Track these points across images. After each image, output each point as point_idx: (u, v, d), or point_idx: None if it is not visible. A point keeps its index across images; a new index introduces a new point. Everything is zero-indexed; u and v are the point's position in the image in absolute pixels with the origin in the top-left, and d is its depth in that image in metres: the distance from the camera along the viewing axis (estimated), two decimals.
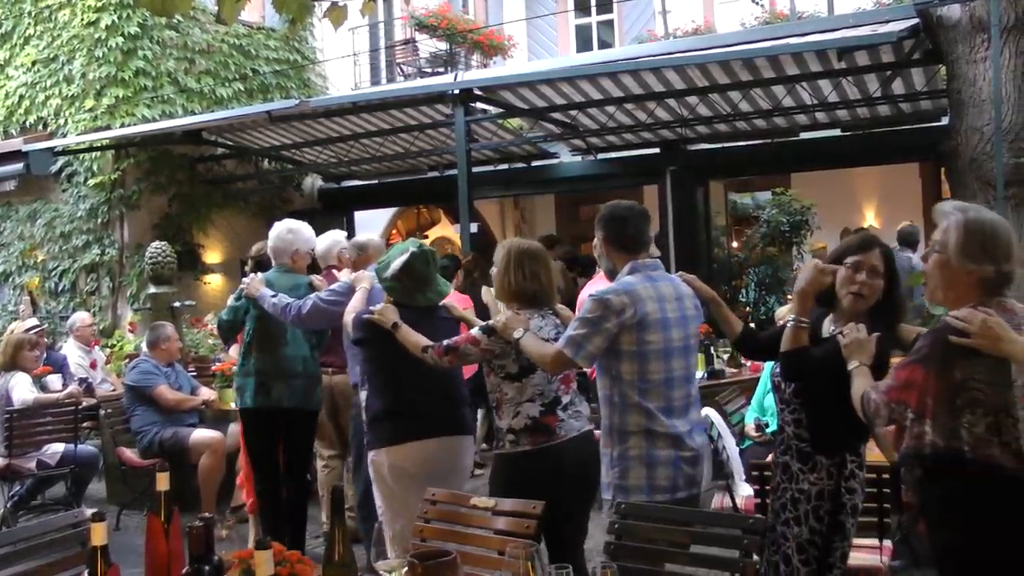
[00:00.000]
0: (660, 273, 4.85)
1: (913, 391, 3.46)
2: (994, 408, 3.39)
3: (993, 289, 3.51)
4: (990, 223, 3.57)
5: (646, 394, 4.63)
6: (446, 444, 5.52)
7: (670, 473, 4.61)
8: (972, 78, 8.56)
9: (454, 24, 19.81)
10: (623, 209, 4.98)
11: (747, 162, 14.11)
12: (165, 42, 14.17)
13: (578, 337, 4.58)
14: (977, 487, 3.41)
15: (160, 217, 14.34)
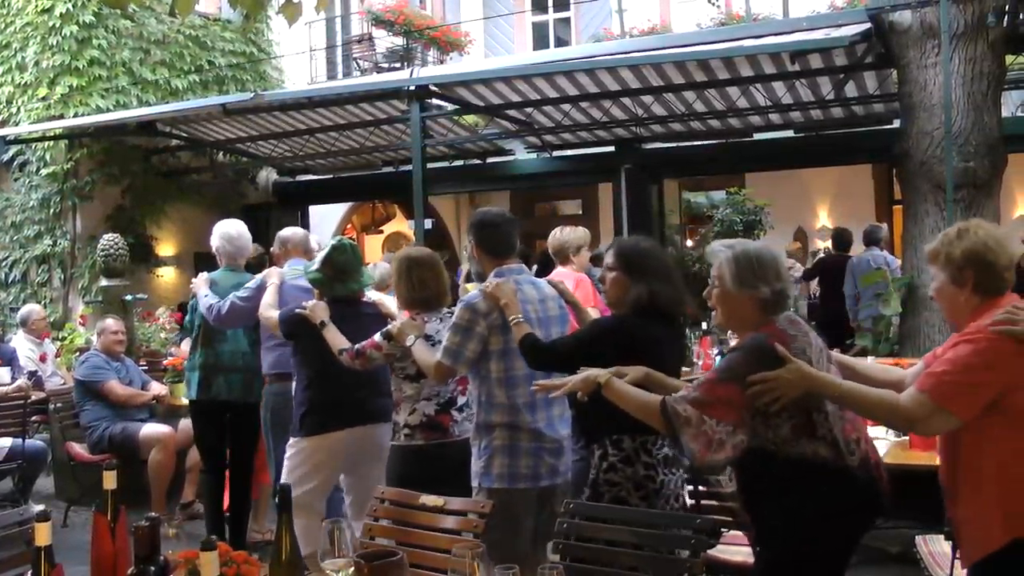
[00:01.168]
0: (525, 277, 5.15)
1: (731, 408, 3.56)
2: (801, 409, 3.59)
3: (773, 308, 3.77)
4: (755, 251, 3.87)
5: (512, 390, 4.89)
6: (367, 431, 5.93)
7: (531, 462, 4.87)
8: (923, 83, 8.69)
9: (411, 20, 19.78)
10: (493, 216, 5.28)
11: (701, 161, 14.18)
12: (120, 32, 14.04)
13: (453, 346, 4.89)
14: (790, 482, 3.63)
15: (113, 208, 14.22)
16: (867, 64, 10.02)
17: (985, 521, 3.43)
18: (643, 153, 13.97)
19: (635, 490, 4.33)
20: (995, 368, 3.35)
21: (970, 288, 3.52)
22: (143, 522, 2.90)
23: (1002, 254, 3.52)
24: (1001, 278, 3.52)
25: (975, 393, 3.36)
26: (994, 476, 3.41)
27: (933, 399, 3.36)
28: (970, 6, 8.50)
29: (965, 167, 8.44)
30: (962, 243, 3.53)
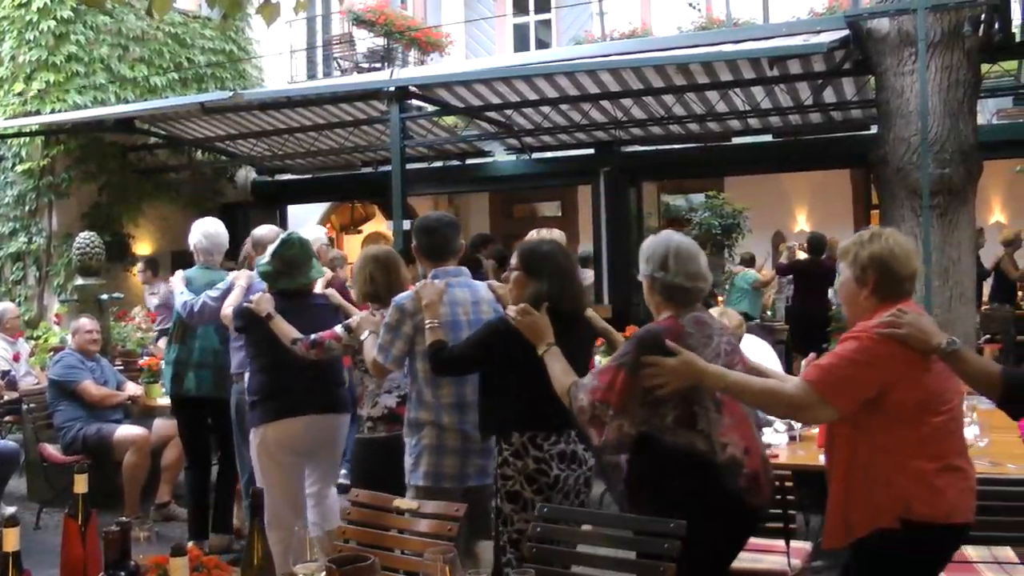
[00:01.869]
0: (460, 280, 5.32)
1: (615, 394, 3.89)
2: (684, 401, 3.85)
3: (680, 301, 4.05)
4: (676, 245, 4.11)
5: (437, 390, 5.08)
6: (322, 421, 6.06)
7: (457, 462, 5.06)
8: (900, 90, 8.72)
9: (392, 20, 19.75)
10: (432, 221, 5.52)
11: (680, 164, 14.24)
12: (99, 27, 13.99)
13: (384, 343, 5.11)
14: (666, 468, 3.87)
15: (90, 206, 14.16)
16: (845, 70, 10.07)
17: (857, 507, 3.65)
18: (622, 156, 14.02)
19: (528, 483, 4.53)
20: (875, 366, 3.56)
21: (870, 289, 3.73)
22: (114, 527, 2.88)
23: (905, 264, 3.73)
24: (900, 285, 3.74)
25: (855, 388, 3.58)
26: (865, 467, 3.63)
27: (816, 390, 3.59)
28: (947, 15, 8.54)
29: (941, 174, 8.48)
30: (871, 247, 3.74)
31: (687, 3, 19.03)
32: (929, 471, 3.57)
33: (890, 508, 3.56)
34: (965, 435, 3.91)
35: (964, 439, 3.84)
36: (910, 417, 3.59)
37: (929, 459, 3.58)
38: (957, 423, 3.75)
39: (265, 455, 6.03)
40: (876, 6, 9.04)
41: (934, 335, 3.53)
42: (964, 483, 3.66)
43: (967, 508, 3.64)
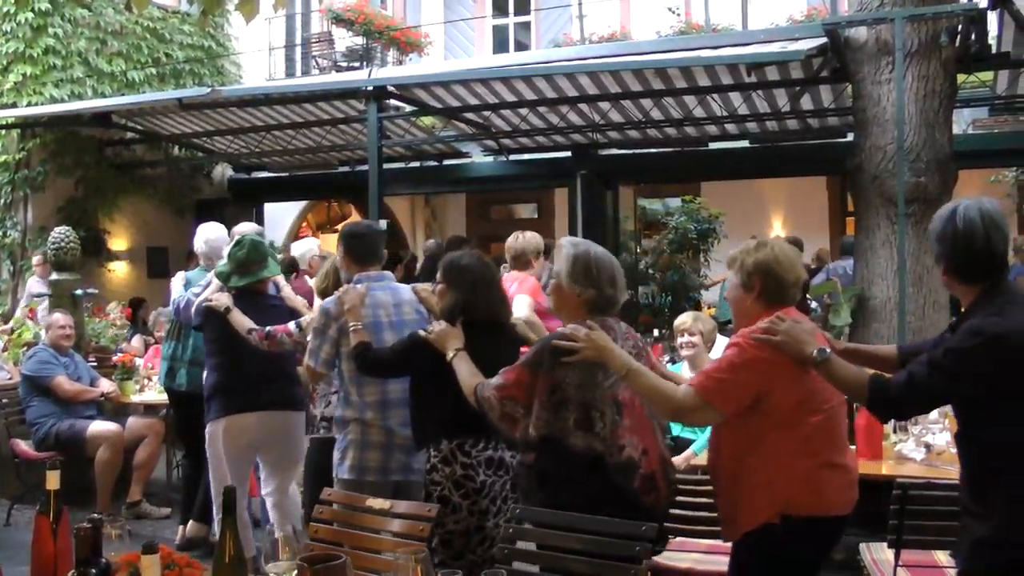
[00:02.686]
0: (383, 283, 5.61)
1: (520, 389, 4.13)
2: (582, 404, 4.05)
3: (598, 309, 4.24)
4: (594, 255, 4.28)
5: (361, 389, 5.35)
6: (275, 417, 6.33)
7: (381, 457, 5.33)
8: (876, 98, 8.77)
9: (371, 20, 19.72)
10: (361, 227, 5.91)
11: (657, 169, 14.28)
12: (77, 21, 13.92)
13: (313, 347, 5.42)
14: (565, 469, 4.06)
15: (65, 200, 14.09)
16: (822, 78, 10.11)
17: (743, 504, 3.85)
18: (599, 159, 14.05)
19: (455, 489, 4.70)
20: (755, 371, 3.76)
21: (756, 294, 3.95)
22: (85, 524, 2.88)
23: (790, 270, 3.95)
24: (786, 291, 3.95)
25: (736, 392, 3.78)
26: (748, 468, 3.83)
27: (700, 394, 3.78)
28: (924, 25, 8.59)
29: (916, 182, 8.52)
30: (757, 254, 3.96)
31: (666, 8, 19.06)
32: (808, 469, 3.78)
33: (772, 506, 3.76)
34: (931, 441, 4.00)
35: (845, 436, 4.03)
36: (789, 418, 3.79)
37: (808, 457, 3.78)
38: (835, 421, 3.92)
39: (218, 448, 6.37)
40: (854, 15, 9.09)
41: (807, 344, 3.67)
42: (843, 478, 3.87)
43: (845, 501, 3.86)
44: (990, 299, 3.42)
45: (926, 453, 5.66)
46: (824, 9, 16.41)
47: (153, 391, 9.15)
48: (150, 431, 8.70)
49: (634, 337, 4.44)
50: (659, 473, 4.15)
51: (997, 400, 3.34)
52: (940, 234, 3.48)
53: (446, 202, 21.40)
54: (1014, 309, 3.38)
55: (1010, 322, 3.32)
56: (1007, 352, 3.29)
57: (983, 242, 3.40)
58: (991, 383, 3.33)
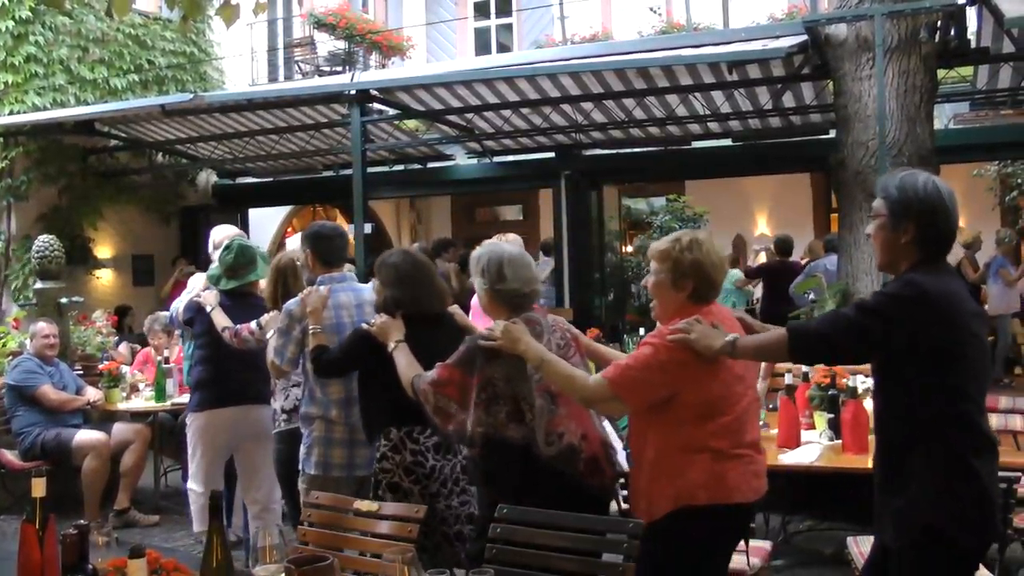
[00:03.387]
0: (345, 284, 5.79)
1: (454, 387, 4.29)
2: (514, 398, 4.20)
3: (516, 306, 4.41)
4: (508, 255, 4.44)
5: (325, 388, 5.53)
6: (251, 412, 6.70)
7: (345, 453, 5.52)
8: (858, 94, 8.81)
9: (353, 24, 19.71)
10: (327, 229, 6.05)
11: (641, 168, 14.31)
12: (58, 28, 13.84)
13: (278, 346, 5.62)
14: (501, 460, 4.23)
15: (49, 209, 14.01)
16: (804, 75, 10.15)
17: (649, 494, 3.94)
18: (583, 159, 14.06)
19: (406, 475, 4.94)
20: (667, 371, 3.84)
21: (687, 293, 4.01)
22: (71, 530, 2.88)
23: (720, 272, 4.07)
24: (715, 291, 4.07)
25: (646, 389, 3.88)
26: (658, 459, 3.93)
27: (611, 386, 3.88)
28: (904, 21, 8.63)
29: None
30: (693, 254, 3.99)
31: (648, 7, 19.08)
32: (712, 460, 3.86)
33: (679, 496, 3.85)
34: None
35: (754, 432, 4.09)
36: (698, 417, 3.87)
37: (713, 451, 3.86)
38: (743, 421, 3.98)
39: (196, 439, 6.79)
40: (834, 12, 9.12)
41: (716, 339, 3.77)
42: (747, 467, 3.95)
43: (749, 489, 3.94)
44: (930, 264, 3.51)
45: None
46: (804, 7, 16.45)
47: (141, 398, 9.14)
48: (137, 436, 8.67)
49: (562, 328, 4.57)
50: (602, 456, 4.30)
51: (914, 366, 3.43)
52: (924, 202, 3.50)
53: (431, 205, 21.40)
54: (951, 279, 3.54)
55: (945, 287, 3.45)
56: (932, 311, 3.38)
57: (955, 220, 3.55)
58: (911, 340, 3.39)
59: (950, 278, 3.54)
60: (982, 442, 3.48)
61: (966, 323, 3.44)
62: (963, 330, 3.43)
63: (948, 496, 3.39)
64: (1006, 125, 12.26)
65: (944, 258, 3.57)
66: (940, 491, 3.40)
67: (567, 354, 4.38)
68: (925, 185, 3.51)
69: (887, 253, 3.62)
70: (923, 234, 3.50)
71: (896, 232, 3.54)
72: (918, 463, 3.44)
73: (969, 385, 3.47)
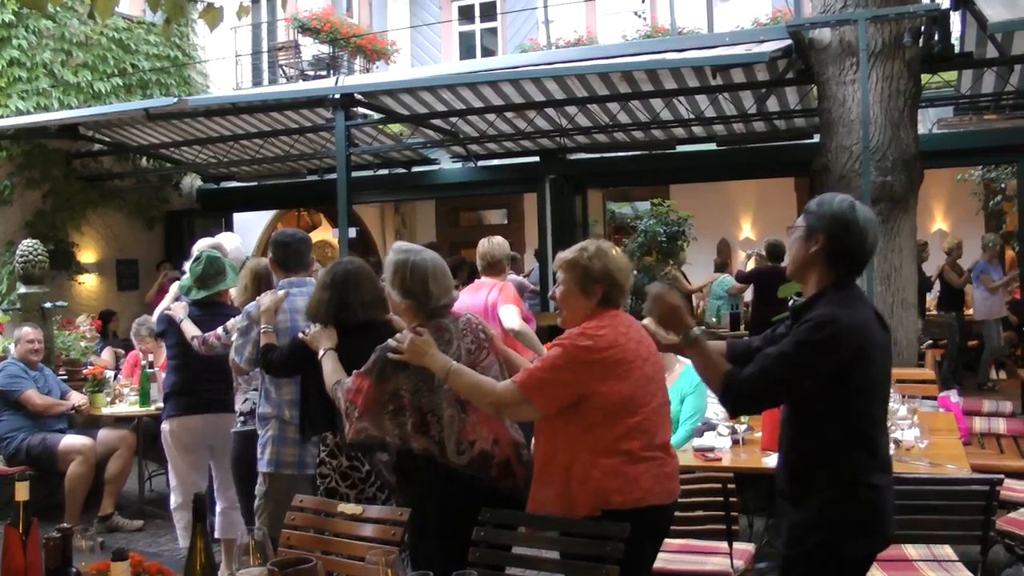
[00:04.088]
0: (304, 289, 5.91)
1: (361, 395, 4.31)
2: (419, 410, 4.27)
3: (427, 313, 4.45)
4: (411, 263, 4.48)
5: (278, 388, 5.78)
6: (219, 419, 6.84)
7: (297, 452, 5.74)
8: (842, 99, 8.82)
9: (337, 28, 19.70)
10: (286, 236, 6.26)
11: (625, 172, 14.30)
12: (41, 32, 13.80)
13: (238, 346, 5.86)
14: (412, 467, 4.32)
15: (33, 214, 13.96)
16: (788, 80, 10.17)
17: (565, 499, 3.94)
18: (567, 163, 14.07)
19: (342, 480, 5.07)
20: (576, 373, 3.91)
21: (597, 299, 4.09)
22: (54, 534, 2.87)
23: (627, 279, 4.17)
24: (624, 297, 4.17)
25: (557, 392, 3.94)
26: (569, 463, 3.95)
27: (521, 390, 3.97)
28: (887, 26, 8.65)
29: (883, 182, 8.58)
30: (601, 261, 4.10)
31: (632, 12, 19.12)
32: (623, 463, 3.90)
33: (590, 501, 3.89)
34: (900, 437, 4.04)
35: (665, 434, 4.13)
36: (608, 418, 3.92)
37: (623, 454, 3.91)
38: (653, 422, 4.03)
39: (169, 445, 7.05)
40: (818, 16, 9.13)
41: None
42: (659, 469, 3.99)
43: (662, 491, 3.98)
44: (842, 289, 3.63)
45: (895, 449, 5.69)
46: (788, 11, 16.48)
47: (126, 403, 9.11)
48: (122, 443, 8.67)
49: (474, 331, 4.57)
50: (513, 458, 4.36)
51: (825, 394, 3.53)
52: (836, 216, 3.63)
53: (416, 209, 21.41)
54: (859, 306, 3.64)
55: (857, 317, 3.55)
56: (849, 345, 3.48)
57: (871, 243, 3.67)
58: (834, 374, 3.50)
59: (861, 305, 3.66)
60: (881, 463, 3.62)
61: (875, 354, 3.58)
62: (873, 360, 3.57)
63: (845, 513, 3.53)
64: (990, 130, 12.29)
65: (854, 281, 3.71)
66: (837, 508, 3.53)
67: (477, 359, 4.45)
68: (841, 203, 3.66)
69: (797, 261, 3.75)
70: (833, 247, 3.64)
71: (808, 241, 3.69)
72: (821, 481, 3.57)
73: (874, 410, 3.64)
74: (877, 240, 3.73)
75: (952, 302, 14.34)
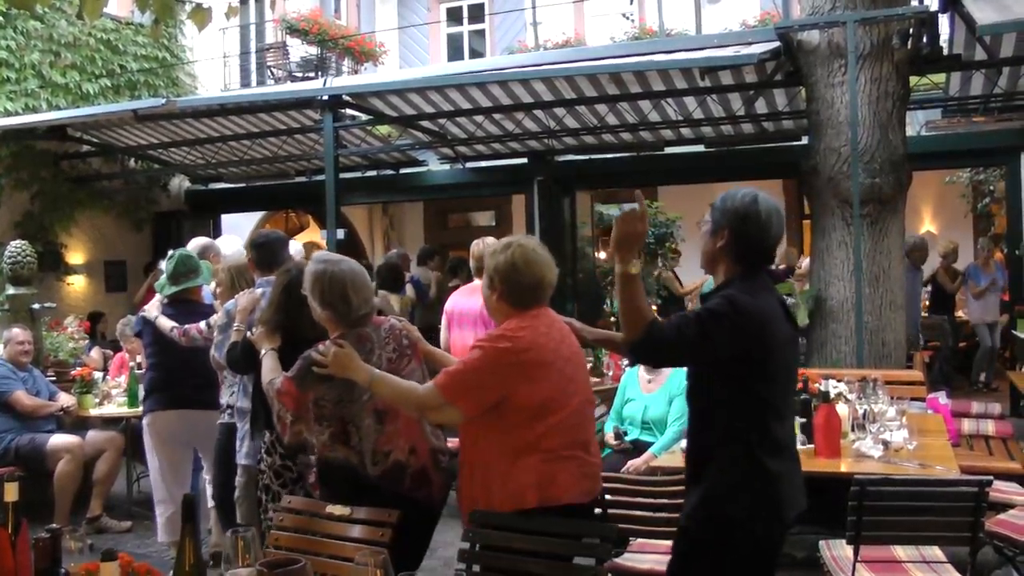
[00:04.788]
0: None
1: (290, 399, 4.38)
2: (339, 420, 4.35)
3: (350, 323, 4.46)
4: (329, 273, 4.48)
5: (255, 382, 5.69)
6: (196, 416, 7.03)
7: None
8: (830, 100, 8.84)
9: (325, 29, 19.68)
10: (261, 238, 6.56)
11: (613, 174, 14.29)
12: (29, 33, 13.78)
13: (218, 342, 6.10)
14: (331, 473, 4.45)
15: (22, 215, 13.92)
16: (776, 81, 10.18)
17: (483, 499, 4.03)
18: (556, 165, 14.07)
19: (275, 478, 5.19)
20: (497, 373, 3.93)
21: (498, 296, 4.13)
22: (43, 534, 2.86)
23: (528, 275, 4.08)
24: (523, 295, 4.10)
25: (478, 393, 3.96)
26: (485, 464, 4.03)
27: (443, 393, 3.97)
28: (876, 28, 8.67)
29: (871, 183, 8.61)
30: (499, 257, 4.13)
31: (620, 14, 19.13)
32: (540, 462, 3.94)
33: (509, 499, 3.95)
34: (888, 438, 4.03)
35: (586, 434, 4.17)
36: (528, 418, 3.94)
37: (543, 453, 3.95)
38: (575, 420, 4.07)
39: (148, 440, 7.23)
40: (806, 18, 9.15)
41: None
42: (578, 469, 4.03)
43: (580, 491, 4.01)
44: (747, 280, 3.69)
45: (884, 450, 5.70)
46: (777, 13, 16.51)
47: (114, 404, 9.09)
48: (110, 445, 8.64)
49: (397, 339, 4.60)
50: (430, 465, 4.44)
51: (724, 376, 3.64)
52: (738, 211, 3.71)
53: (404, 211, 21.39)
54: (765, 295, 3.71)
55: (759, 304, 3.62)
56: (747, 325, 3.55)
57: (774, 235, 3.74)
58: (728, 353, 3.58)
59: (766, 295, 3.73)
60: (777, 447, 3.68)
61: (775, 341, 3.65)
62: (772, 348, 3.63)
63: (744, 492, 3.60)
64: (978, 132, 12.33)
65: (760, 272, 3.78)
66: (737, 488, 3.60)
67: (399, 366, 4.49)
68: (744, 198, 3.72)
69: (706, 256, 3.86)
70: (737, 242, 3.72)
71: (714, 237, 3.78)
72: (721, 462, 3.65)
73: (774, 397, 3.69)
74: (782, 232, 3.81)
75: (943, 305, 14.36)
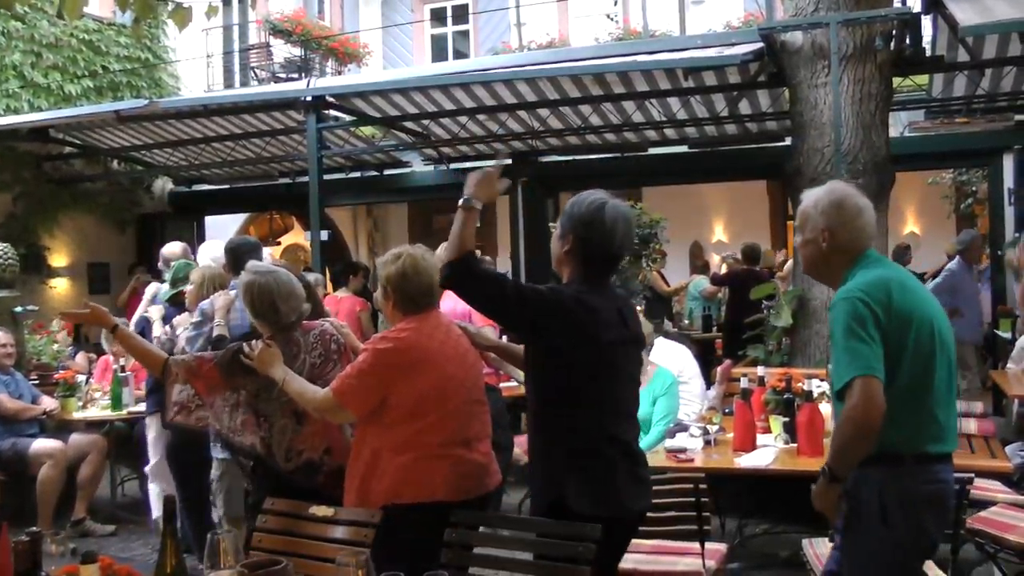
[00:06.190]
0: None
1: (202, 382, 4.70)
2: (255, 412, 4.67)
3: (280, 329, 4.75)
4: (258, 284, 4.76)
5: None
6: None
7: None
8: (813, 101, 8.85)
9: (309, 30, 19.66)
10: (235, 242, 7.11)
11: (598, 175, 14.25)
12: (11, 33, 13.76)
13: (190, 338, 6.19)
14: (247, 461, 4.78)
15: (4, 217, 13.86)
16: (760, 82, 10.18)
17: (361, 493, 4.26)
18: (539, 166, 14.06)
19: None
20: (379, 374, 4.19)
21: (392, 304, 4.38)
22: (24, 537, 2.85)
23: (418, 282, 4.33)
24: (414, 300, 4.34)
25: (364, 394, 4.21)
26: (368, 459, 4.25)
27: (334, 396, 4.23)
28: (859, 29, 8.68)
29: (855, 184, 8.60)
30: (390, 267, 4.36)
31: (604, 14, 19.15)
32: (416, 459, 4.18)
33: (382, 495, 4.17)
34: None
35: (468, 431, 4.35)
36: (407, 416, 4.19)
37: (420, 450, 4.18)
38: (455, 417, 4.28)
39: (153, 440, 7.75)
40: (790, 20, 9.15)
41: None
42: (454, 467, 4.22)
43: (452, 489, 4.18)
44: (589, 283, 3.92)
45: None
46: (760, 15, 16.54)
47: (97, 407, 9.07)
48: (93, 448, 8.61)
49: (326, 344, 4.88)
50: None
51: (547, 365, 3.90)
52: (583, 217, 3.93)
53: (388, 212, 21.37)
54: (599, 295, 3.91)
55: (588, 299, 3.85)
56: (556, 311, 3.80)
57: (619, 242, 3.95)
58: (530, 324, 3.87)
59: (601, 297, 3.93)
60: (608, 438, 3.89)
61: (600, 335, 3.84)
62: (597, 344, 3.85)
63: (566, 478, 3.83)
64: (961, 133, 12.37)
65: (607, 278, 4.02)
66: (565, 473, 3.84)
67: (324, 370, 4.74)
68: (591, 205, 3.91)
69: (554, 259, 4.12)
70: (581, 247, 3.95)
71: (561, 241, 3.99)
72: (554, 449, 3.91)
73: (599, 390, 3.89)
74: (629, 238, 3.98)
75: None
